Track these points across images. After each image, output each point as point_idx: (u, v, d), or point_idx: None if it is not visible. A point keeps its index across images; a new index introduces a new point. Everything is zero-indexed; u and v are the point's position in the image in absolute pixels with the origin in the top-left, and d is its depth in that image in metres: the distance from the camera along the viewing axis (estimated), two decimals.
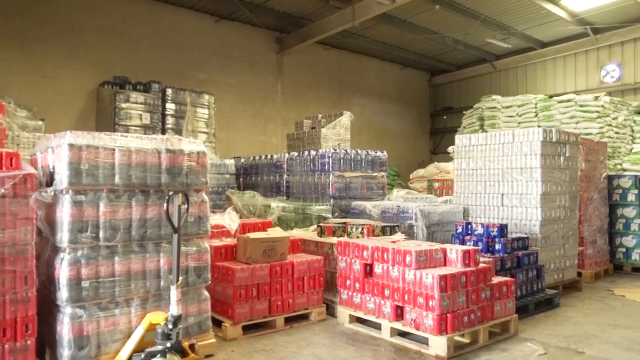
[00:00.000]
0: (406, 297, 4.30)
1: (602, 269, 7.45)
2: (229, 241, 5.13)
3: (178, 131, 10.22)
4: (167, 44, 11.98)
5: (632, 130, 12.48)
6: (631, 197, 7.72)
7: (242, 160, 9.98)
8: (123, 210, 3.66)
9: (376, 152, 7.95)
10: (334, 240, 5.37)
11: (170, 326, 3.43)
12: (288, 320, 4.83)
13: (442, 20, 13.29)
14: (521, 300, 5.20)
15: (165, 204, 3.61)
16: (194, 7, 12.37)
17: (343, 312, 4.95)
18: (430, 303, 4.08)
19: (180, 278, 3.58)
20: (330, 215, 6.87)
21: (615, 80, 13.84)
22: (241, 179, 9.76)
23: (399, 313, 4.42)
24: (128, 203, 3.70)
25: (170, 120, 10.30)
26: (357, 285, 4.81)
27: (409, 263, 4.31)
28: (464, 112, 14.75)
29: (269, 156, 9.11)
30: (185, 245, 3.94)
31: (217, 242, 4.99)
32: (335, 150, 7.58)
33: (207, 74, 12.66)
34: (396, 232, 5.79)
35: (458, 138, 7.04)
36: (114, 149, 3.65)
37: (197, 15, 12.56)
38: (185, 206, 3.71)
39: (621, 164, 11.52)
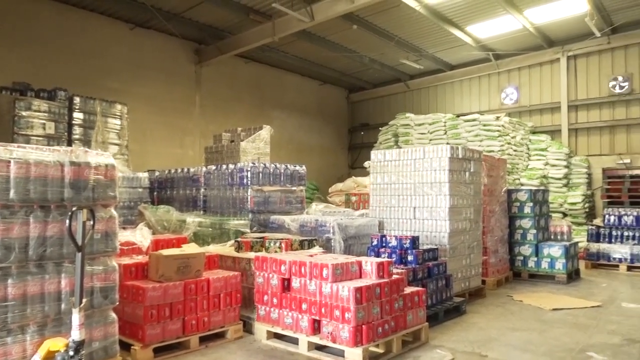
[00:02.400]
0: (323, 310, 4.35)
1: (503, 276, 8.02)
2: (140, 259, 4.89)
3: (87, 142, 9.58)
4: (76, 49, 11.28)
5: (528, 148, 13.69)
6: (527, 209, 8.42)
7: (157, 173, 9.59)
8: (19, 227, 3.37)
9: (295, 167, 8.01)
10: (251, 255, 5.30)
11: (71, 353, 3.18)
12: (203, 340, 4.68)
13: (359, 40, 13.78)
14: (432, 309, 5.45)
15: (67, 221, 3.37)
16: (107, 12, 11.79)
17: (260, 329, 4.89)
18: (346, 315, 4.15)
19: (84, 300, 3.34)
20: (248, 230, 6.79)
21: (514, 103, 15.13)
22: (155, 193, 9.36)
23: (316, 327, 4.45)
24: (25, 220, 3.41)
25: (78, 131, 9.63)
26: (274, 300, 4.78)
27: (325, 276, 4.36)
28: (380, 128, 15.37)
29: (185, 169, 8.84)
30: (91, 265, 3.69)
31: (127, 260, 4.73)
32: (254, 164, 7.53)
33: (120, 83, 12.08)
34: (314, 245, 5.85)
35: (374, 153, 7.30)
36: (9, 161, 3.36)
37: (109, 21, 11.98)
38: (91, 222, 3.48)
39: (519, 179, 12.55)
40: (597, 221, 10.68)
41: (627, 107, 13.19)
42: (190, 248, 4.97)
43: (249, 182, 7.28)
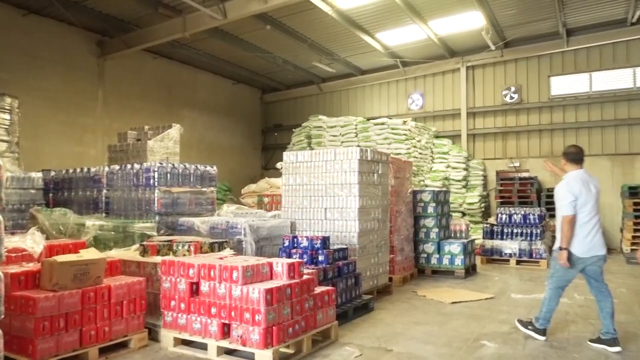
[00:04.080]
0: (233, 313, 4.28)
1: (408, 274, 8.43)
2: (31, 266, 4.48)
3: None
4: None
5: (432, 152, 14.52)
6: (430, 209, 8.93)
7: (53, 173, 8.85)
8: None
9: (206, 167, 7.80)
10: (158, 259, 5.08)
11: None
12: (104, 351, 4.39)
13: (273, 40, 13.77)
14: (341, 307, 5.58)
15: None
16: None
17: (167, 336, 4.70)
18: (257, 317, 4.12)
19: None
20: (155, 233, 6.49)
21: (419, 108, 16.00)
22: (51, 195, 8.64)
23: (225, 331, 4.37)
24: None
25: None
26: (182, 305, 4.62)
27: (235, 279, 4.30)
28: (293, 129, 15.48)
29: (85, 169, 8.25)
30: None
31: (15, 269, 4.31)
32: (162, 164, 7.22)
33: (10, 74, 11.00)
34: (225, 248, 5.74)
35: (286, 154, 7.33)
36: None
37: None
38: None
39: (424, 181, 13.27)
40: (491, 220, 11.61)
41: (517, 115, 14.50)
42: (90, 253, 4.64)
43: (156, 182, 6.97)
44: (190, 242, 5.47)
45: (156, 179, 6.97)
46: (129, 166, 7.48)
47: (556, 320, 5.71)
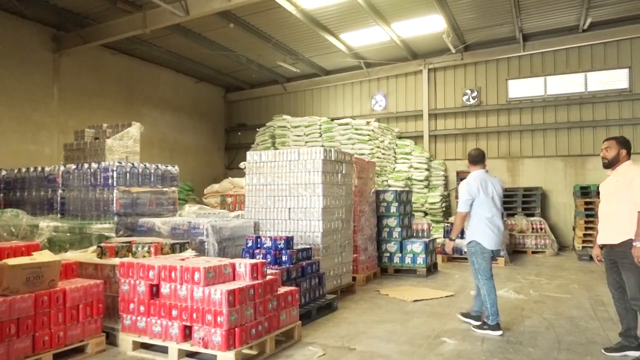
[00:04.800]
0: (194, 315, 4.21)
1: (372, 272, 8.52)
2: None
3: None
4: None
5: (395, 152, 14.73)
6: (393, 209, 9.05)
7: (4, 172, 8.44)
8: None
9: (167, 166, 7.64)
10: (116, 261, 4.94)
11: None
12: (58, 357, 4.23)
13: (236, 39, 13.63)
14: (305, 307, 5.58)
15: None
16: None
17: (126, 339, 4.57)
18: (219, 319, 4.07)
19: None
20: (113, 234, 6.31)
21: (382, 109, 16.19)
22: (2, 195, 8.25)
23: (187, 333, 4.29)
24: None
25: None
26: (142, 308, 4.51)
27: (197, 280, 4.23)
28: (257, 129, 15.37)
29: (39, 168, 7.91)
30: None
31: None
32: (120, 163, 7.02)
33: None
34: (186, 249, 5.64)
35: (249, 154, 7.27)
36: None
37: None
38: None
39: (387, 181, 13.44)
40: (452, 219, 11.87)
41: (476, 117, 14.89)
42: (43, 256, 4.46)
43: (115, 182, 6.76)
44: (151, 243, 5.35)
45: (115, 179, 6.77)
46: (86, 165, 7.23)
47: (512, 315, 5.92)
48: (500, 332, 5.12)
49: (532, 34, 13.67)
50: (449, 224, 11.12)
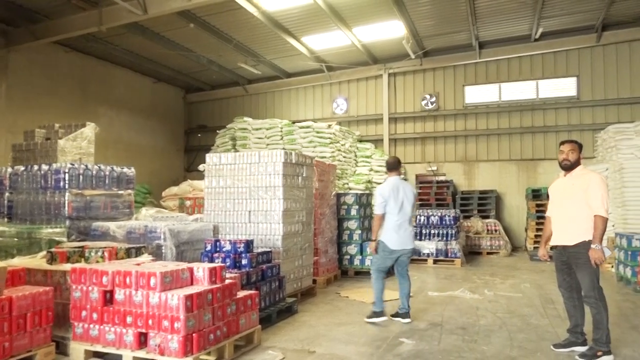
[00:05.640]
0: (150, 322, 4.10)
1: (332, 275, 8.56)
2: None
3: None
4: None
5: (356, 155, 14.84)
6: (353, 211, 9.13)
7: None
8: None
9: (123, 168, 7.42)
10: (67, 267, 4.75)
11: None
12: None
13: (196, 39, 13.43)
14: (265, 311, 5.54)
15: None
16: None
17: (77, 349, 4.40)
18: (176, 325, 3.98)
19: None
20: (65, 239, 6.07)
21: (344, 113, 16.33)
22: None
23: (142, 341, 4.17)
24: None
25: None
26: (94, 315, 4.35)
27: (153, 286, 4.13)
28: (218, 131, 15.15)
29: None
30: None
31: None
32: (73, 165, 6.77)
33: None
34: (142, 253, 5.49)
35: (209, 156, 7.17)
36: None
37: None
38: None
39: (348, 184, 13.53)
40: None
41: (434, 122, 15.24)
42: None
43: (67, 185, 6.52)
44: (105, 247, 5.18)
45: (67, 181, 6.52)
46: (36, 167, 6.93)
47: (468, 315, 6.08)
48: (384, 318, 5.71)
49: (487, 42, 14.13)
50: None
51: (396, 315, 5.83)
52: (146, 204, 12.13)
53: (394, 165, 5.95)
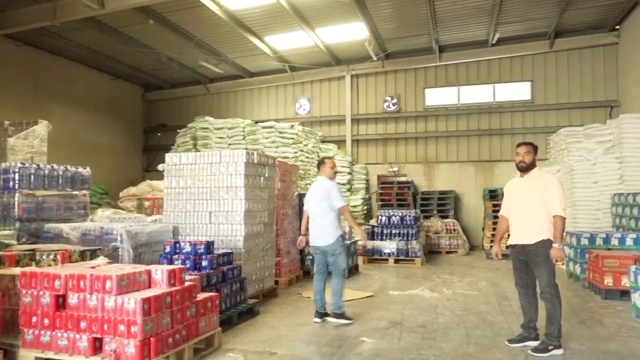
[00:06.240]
0: (105, 326, 3.97)
1: (294, 276, 8.55)
2: None
3: None
4: None
5: (319, 156, 14.88)
6: None
7: None
8: None
9: (78, 168, 7.17)
10: (17, 271, 4.54)
11: None
12: None
13: (156, 36, 13.13)
14: (226, 313, 5.48)
15: None
16: None
17: (27, 356, 4.21)
18: (132, 329, 3.88)
19: None
20: (14, 242, 5.80)
21: (307, 113, 16.35)
22: None
23: (97, 346, 4.03)
24: None
25: None
26: (46, 321, 4.18)
27: (109, 289, 4.00)
28: (178, 130, 14.87)
29: None
30: None
31: None
32: (24, 164, 6.49)
33: None
34: (98, 256, 5.32)
35: (168, 156, 7.02)
36: None
37: None
38: None
39: (310, 184, 13.53)
40: (373, 221, 12.24)
41: (396, 123, 15.48)
42: None
43: (17, 185, 6.24)
44: (57, 250, 4.99)
45: (17, 181, 6.25)
46: None
47: (427, 313, 6.21)
48: (319, 320, 5.80)
49: (447, 46, 14.47)
50: (369, 227, 11.44)
51: (334, 315, 5.82)
52: (103, 205, 11.76)
53: (318, 167, 6.14)
